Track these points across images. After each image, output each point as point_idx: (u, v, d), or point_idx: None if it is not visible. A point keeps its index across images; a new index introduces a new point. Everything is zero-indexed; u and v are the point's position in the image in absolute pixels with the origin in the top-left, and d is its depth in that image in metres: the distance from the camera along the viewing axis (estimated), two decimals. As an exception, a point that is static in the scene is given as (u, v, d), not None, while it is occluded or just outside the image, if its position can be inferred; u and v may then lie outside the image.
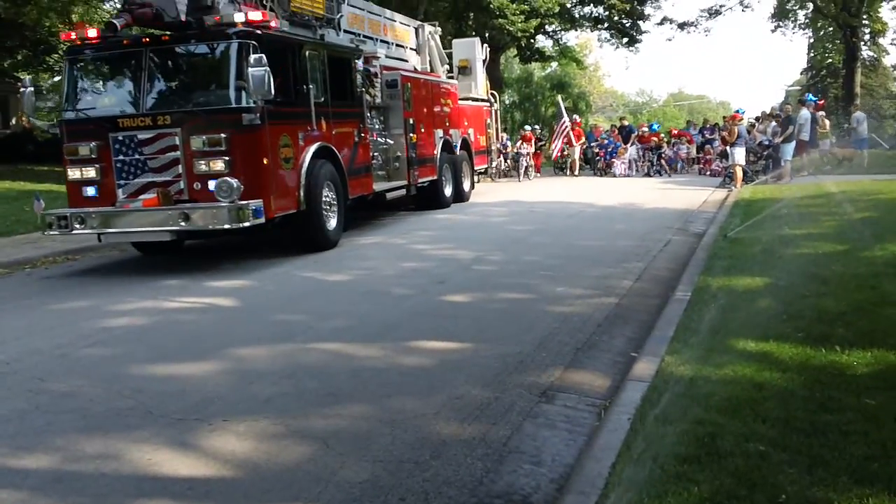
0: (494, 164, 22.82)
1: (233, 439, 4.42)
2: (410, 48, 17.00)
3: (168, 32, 10.13)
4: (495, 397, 4.93)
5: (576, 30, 38.26)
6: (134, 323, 7.39)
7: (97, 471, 4.12)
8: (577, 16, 35.26)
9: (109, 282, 9.75)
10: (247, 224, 9.40)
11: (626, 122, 28.58)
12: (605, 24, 35.80)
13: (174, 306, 8.04)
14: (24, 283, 10.11)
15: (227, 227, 9.40)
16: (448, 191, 16.71)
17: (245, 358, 6.05)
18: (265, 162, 9.75)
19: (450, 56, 19.53)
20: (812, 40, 48.38)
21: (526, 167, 25.25)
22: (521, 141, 26.42)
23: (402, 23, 16.84)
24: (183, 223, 9.41)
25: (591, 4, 34.21)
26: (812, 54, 49.75)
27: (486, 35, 31.92)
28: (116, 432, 4.60)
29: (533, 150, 26.38)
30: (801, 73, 56.16)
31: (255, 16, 9.82)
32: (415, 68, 16.55)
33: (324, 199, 10.92)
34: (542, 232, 12.56)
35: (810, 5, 41.34)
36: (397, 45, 16.18)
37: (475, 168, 19.03)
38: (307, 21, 11.68)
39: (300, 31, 11.39)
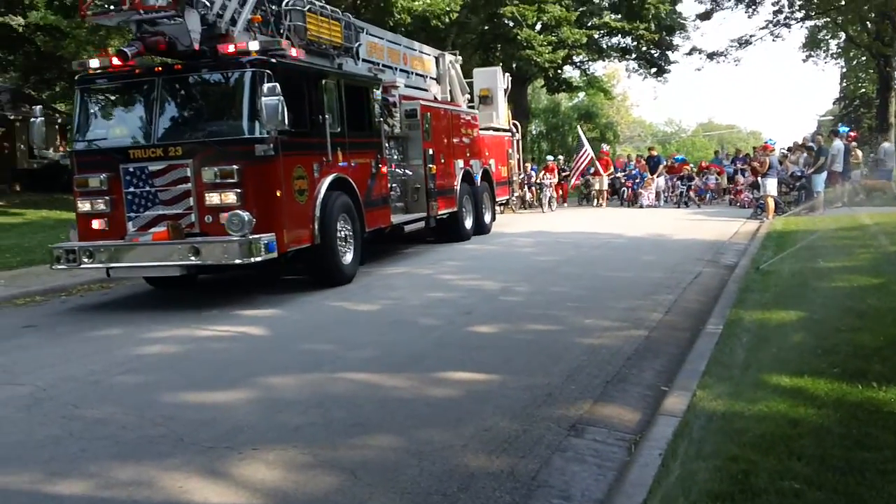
0: (516, 194, 22.52)
1: (262, 468, 4.43)
2: (431, 77, 16.78)
3: (181, 61, 9.94)
4: (524, 430, 4.90)
5: (603, 60, 38.43)
6: (166, 351, 7.48)
7: (130, 498, 4.15)
8: (604, 46, 35.40)
9: (142, 310, 9.86)
10: (258, 259, 9.07)
11: (654, 153, 28.22)
12: (633, 55, 35.89)
13: (205, 335, 8.11)
14: (59, 310, 10.24)
15: (237, 261, 9.08)
16: (468, 223, 16.39)
17: (274, 387, 6.07)
18: (278, 194, 9.47)
19: (471, 85, 19.30)
20: (845, 70, 48.14)
21: (549, 198, 25.00)
22: (543, 171, 26.29)
23: (422, 52, 16.63)
24: (193, 258, 9.13)
25: (619, 35, 34.30)
26: (845, 84, 49.49)
27: (514, 66, 32.14)
28: (148, 459, 4.64)
29: (556, 180, 26.30)
30: (834, 103, 55.83)
31: (270, 44, 9.70)
32: (435, 98, 16.35)
33: (339, 232, 10.64)
34: (569, 262, 12.52)
35: (842, 35, 41.17)
36: (417, 74, 15.98)
37: (496, 199, 18.81)
38: (324, 50, 11.44)
39: (317, 61, 11.16)
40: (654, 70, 36.31)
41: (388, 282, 11.18)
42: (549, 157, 28.80)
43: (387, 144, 13.03)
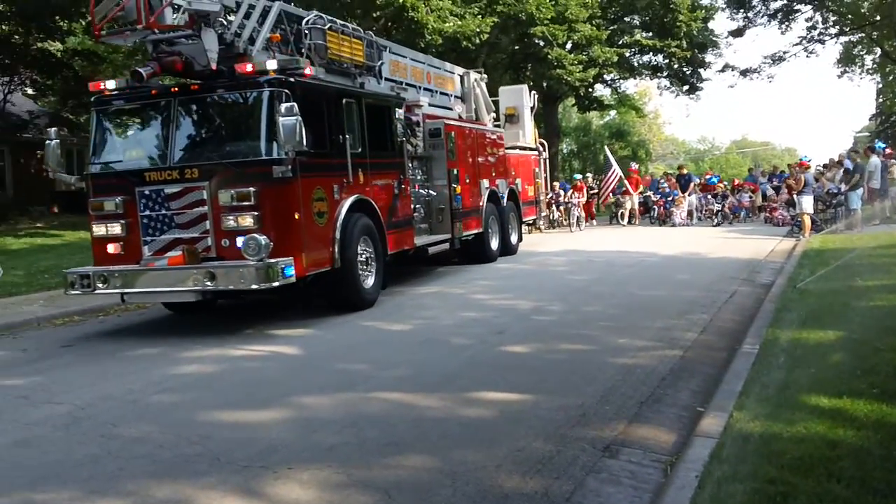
0: (544, 214, 22.11)
1: (297, 487, 4.45)
2: (455, 96, 16.53)
3: (198, 81, 9.72)
4: (557, 451, 4.87)
5: (635, 78, 38.30)
6: (201, 370, 7.56)
7: (165, 518, 4.19)
8: (636, 64, 35.31)
9: (178, 330, 9.96)
10: (276, 284, 8.82)
11: (684, 171, 27.87)
12: (665, 73, 35.74)
13: (239, 354, 8.18)
14: (97, 330, 10.41)
15: (254, 287, 8.80)
16: (494, 244, 16.03)
17: (308, 406, 6.11)
18: (297, 217, 9.21)
19: (497, 104, 19.07)
20: (881, 85, 47.59)
21: (577, 217, 24.77)
22: (571, 190, 26.04)
23: (446, 70, 16.43)
24: (208, 283, 8.89)
25: (651, 53, 34.21)
26: (881, 100, 48.87)
27: (544, 85, 32.18)
28: (185, 478, 4.68)
29: (585, 199, 26.05)
30: (870, 119, 55.14)
31: (289, 63, 9.52)
32: (459, 116, 16.07)
33: (360, 255, 10.34)
34: (602, 281, 12.47)
35: (878, 50, 40.77)
36: (441, 92, 15.77)
37: (523, 219, 18.42)
38: (346, 69, 11.23)
39: (338, 80, 10.95)
40: (686, 87, 36.11)
41: (421, 301, 11.21)
42: (577, 176, 28.78)
43: (410, 164, 12.83)
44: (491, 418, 5.59)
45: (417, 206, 13.17)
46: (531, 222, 20.41)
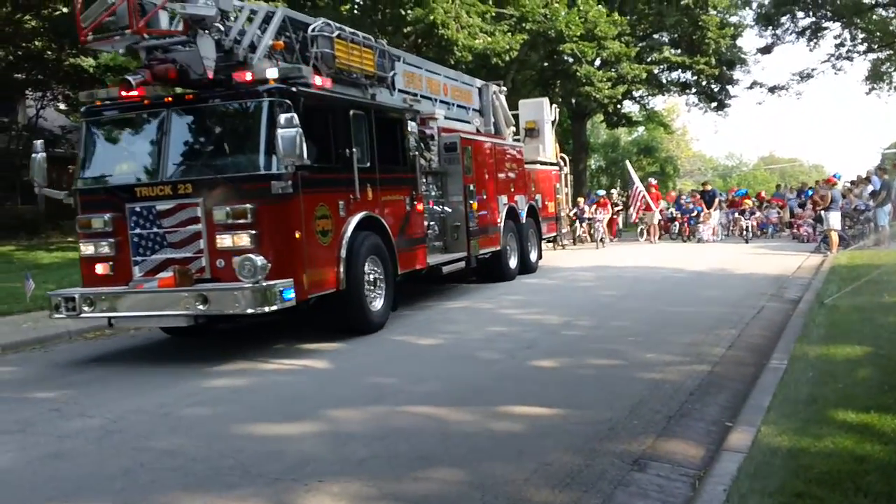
0: (565, 230, 21.59)
1: (328, 500, 4.52)
2: (473, 109, 15.91)
3: (193, 91, 9.16)
4: (586, 464, 4.91)
5: (663, 95, 38.28)
6: (233, 384, 7.66)
7: (200, 527, 4.27)
8: (664, 81, 35.31)
9: (208, 344, 10.08)
10: (274, 308, 8.25)
11: (708, 187, 27.54)
12: (694, 89, 35.71)
13: (270, 367, 8.29)
14: (128, 344, 10.59)
15: (250, 311, 8.20)
16: (513, 262, 15.51)
17: (339, 419, 6.19)
18: (297, 236, 8.66)
19: (517, 118, 18.57)
20: (909, 102, 47.09)
21: (602, 234, 24.46)
22: (595, 206, 25.74)
23: (464, 83, 15.83)
24: (201, 306, 8.28)
25: (679, 70, 34.20)
26: (909, 116, 48.32)
27: (573, 101, 32.25)
28: (217, 491, 4.77)
29: (609, 215, 25.80)
30: (899, 136, 54.49)
31: (291, 72, 8.89)
32: (478, 130, 15.51)
33: (367, 275, 9.84)
34: (630, 297, 12.47)
35: (906, 66, 40.46)
36: (459, 105, 15.17)
37: (543, 236, 17.93)
38: (355, 79, 10.61)
39: (348, 91, 10.35)
40: (714, 104, 36.05)
41: (449, 316, 11.27)
42: (600, 192, 28.25)
43: (424, 180, 12.33)
44: (520, 432, 5.64)
45: (431, 223, 12.71)
46: (552, 239, 19.98)
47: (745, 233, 23.98)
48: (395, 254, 10.56)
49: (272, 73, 8.67)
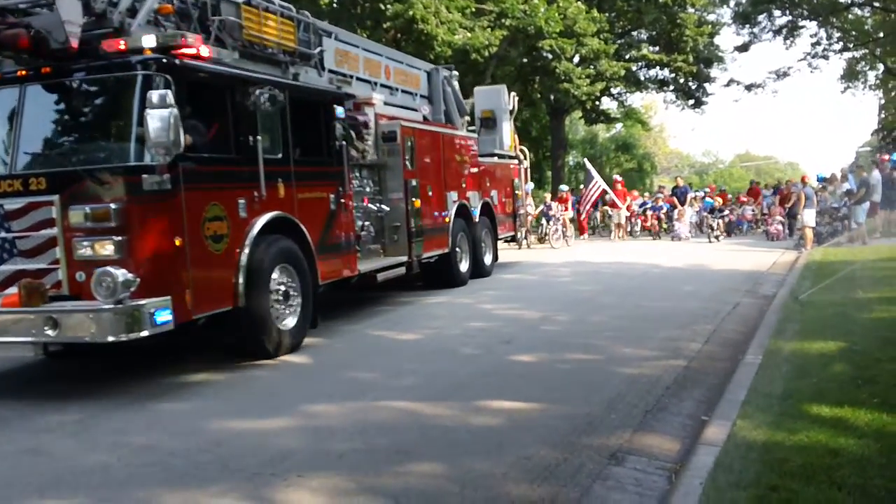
0: (524, 229, 19.91)
1: (307, 495, 4.53)
2: (421, 95, 14.50)
3: (52, 63, 7.27)
4: (564, 458, 4.94)
5: (641, 92, 38.41)
6: (211, 378, 7.63)
7: (179, 521, 4.26)
8: (642, 78, 35.45)
9: (184, 339, 9.99)
10: (144, 333, 6.66)
11: (680, 183, 26.88)
12: (671, 87, 35.88)
13: (248, 363, 8.24)
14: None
15: (111, 339, 6.63)
16: (464, 266, 14.08)
17: (318, 414, 6.19)
18: (178, 242, 7.02)
19: (472, 107, 17.23)
20: (883, 101, 47.68)
21: (562, 232, 23.07)
22: (556, 202, 24.44)
23: (410, 65, 14.36)
24: (49, 332, 6.67)
25: (657, 67, 34.36)
26: (883, 115, 48.95)
27: (552, 98, 32.30)
28: (196, 485, 4.76)
29: (571, 213, 24.78)
30: (872, 134, 55.19)
31: (172, 39, 7.24)
32: (425, 118, 13.96)
33: (277, 288, 8.32)
34: (608, 292, 12.54)
35: (881, 66, 40.91)
36: (404, 91, 13.75)
37: (500, 236, 16.33)
38: (271, 55, 9.26)
39: (260, 67, 8.99)
40: (691, 101, 36.26)
41: (429, 311, 11.29)
42: (563, 188, 27.16)
43: (356, 174, 10.97)
44: (498, 426, 5.66)
45: (366, 223, 11.17)
46: (510, 238, 18.37)
47: (711, 231, 23.04)
48: (315, 261, 9.03)
49: (149, 41, 7.09)
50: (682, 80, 34.46)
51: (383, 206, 11.65)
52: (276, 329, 8.26)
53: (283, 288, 8.42)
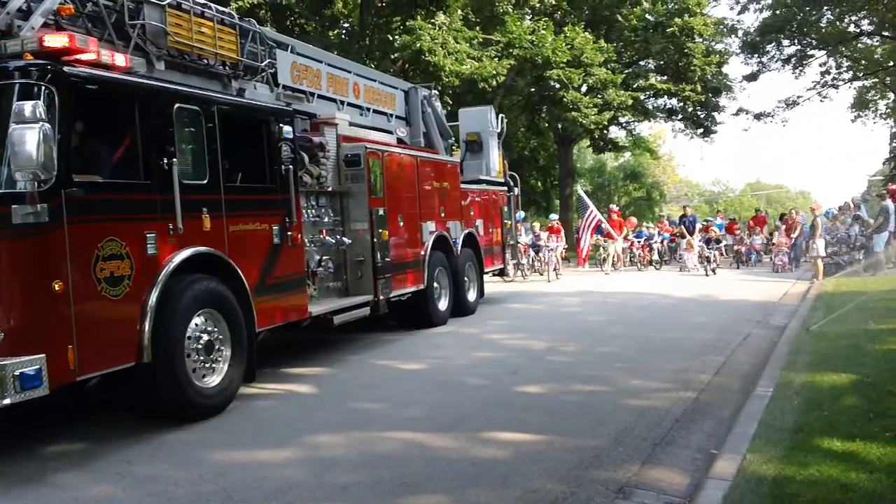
0: (513, 261, 17.82)
1: (310, 527, 4.47)
2: (397, 116, 13.47)
3: None
4: (571, 492, 4.88)
5: (649, 121, 38.54)
6: (215, 408, 7.57)
7: (179, 555, 4.20)
8: (650, 107, 35.58)
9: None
10: (6, 402, 5.45)
11: (688, 212, 25.26)
12: (680, 116, 36.01)
13: (253, 392, 8.20)
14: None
15: None
16: (443, 303, 12.78)
17: (322, 445, 6.14)
18: (57, 287, 5.81)
19: (456, 130, 15.93)
20: (894, 130, 47.69)
21: (555, 265, 21.79)
22: (547, 233, 23.12)
23: (384, 83, 13.32)
24: None
25: (665, 96, 34.50)
26: (894, 144, 48.95)
27: (559, 127, 32.44)
28: (198, 517, 4.71)
29: (563, 243, 23.59)
30: (884, 163, 55.14)
31: (58, 41, 6.11)
32: (400, 141, 12.93)
33: (197, 338, 7.06)
34: (616, 322, 12.46)
35: (891, 95, 40.97)
36: (376, 111, 12.68)
37: (486, 269, 14.88)
38: (207, 67, 8.22)
39: (194, 81, 8.02)
40: (700, 130, 36.34)
41: (434, 341, 11.22)
42: (553, 217, 25.92)
43: (313, 202, 9.96)
44: (504, 459, 5.59)
45: (324, 258, 9.95)
46: (498, 272, 16.36)
47: (707, 264, 21.34)
48: (252, 304, 7.80)
49: (30, 42, 6.16)
50: (690, 109, 34.60)
51: (344, 239, 10.30)
52: (192, 388, 6.94)
53: (205, 338, 7.16)
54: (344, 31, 27.44)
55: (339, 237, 10.27)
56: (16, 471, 5.83)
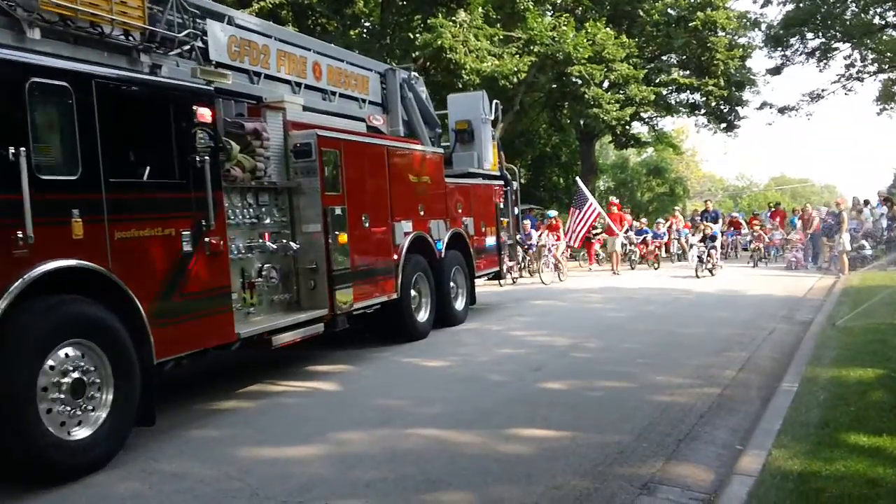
0: (511, 262, 16.56)
1: (335, 523, 4.50)
2: (371, 102, 12.08)
3: None
4: (595, 488, 4.87)
5: (672, 116, 38.29)
6: (241, 406, 7.65)
7: (206, 550, 4.24)
8: (672, 103, 35.35)
9: (217, 365, 10.03)
10: None
11: (710, 207, 23.91)
12: (703, 111, 35.73)
13: (278, 390, 8.27)
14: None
15: None
16: (423, 314, 11.31)
17: (346, 442, 6.17)
18: None
19: (445, 118, 14.52)
20: (920, 122, 47.12)
21: (554, 264, 20.23)
22: (546, 230, 21.38)
23: (354, 65, 11.80)
24: None
25: (688, 91, 34.27)
26: (921, 136, 48.34)
27: (581, 123, 32.31)
28: (224, 513, 4.75)
29: (563, 243, 21.67)
30: (910, 156, 54.50)
31: None
32: (376, 130, 11.47)
33: (54, 378, 5.49)
34: (639, 318, 12.42)
35: (917, 87, 40.43)
36: (344, 95, 11.31)
37: (478, 273, 13.37)
38: (102, 37, 6.86)
39: (82, 53, 6.68)
40: (723, 125, 36.07)
41: (458, 338, 11.23)
42: (551, 213, 23.71)
43: (251, 201, 8.41)
44: (528, 455, 5.60)
45: (266, 266, 8.43)
46: (493, 274, 14.64)
47: (702, 264, 19.47)
48: (148, 330, 6.30)
49: None
50: (713, 104, 34.31)
51: (291, 244, 8.81)
52: (52, 443, 5.36)
53: (73, 377, 5.60)
54: (365, 31, 27.47)
55: (285, 241, 8.77)
56: (46, 468, 5.90)
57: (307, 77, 10.45)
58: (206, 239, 7.07)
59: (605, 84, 29.86)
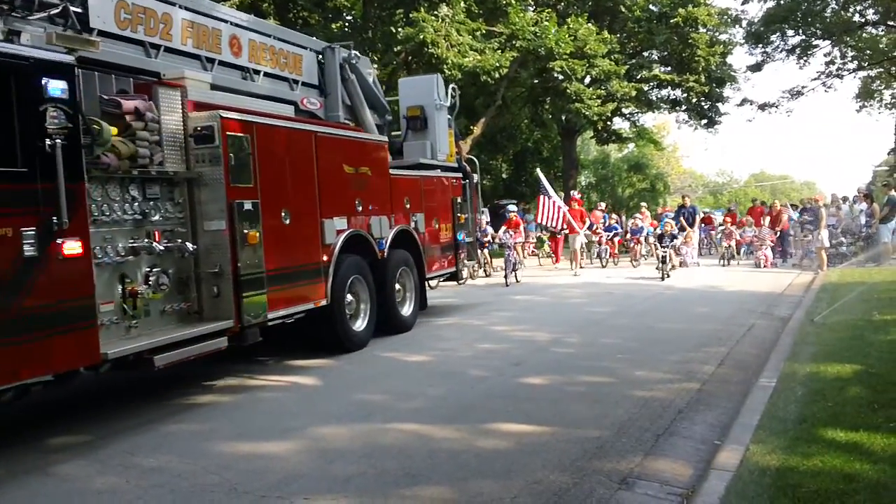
0: (469, 263, 15.09)
1: (313, 518, 4.48)
2: (304, 83, 10.79)
3: None
4: (574, 483, 4.87)
5: (653, 112, 38.43)
6: (219, 400, 7.61)
7: (183, 546, 4.21)
8: (654, 99, 35.47)
9: (195, 360, 9.99)
10: None
11: (687, 202, 23.40)
12: (683, 107, 35.88)
13: (257, 384, 8.23)
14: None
15: None
16: (360, 322, 10.13)
17: (325, 437, 6.14)
18: None
19: (396, 104, 13.43)
20: (899, 119, 47.57)
21: (514, 263, 18.50)
22: (504, 227, 20.13)
23: (285, 40, 10.52)
24: None
25: (669, 87, 34.38)
26: (899, 134, 48.80)
27: (563, 118, 32.36)
28: (202, 508, 4.71)
29: (523, 237, 20.97)
30: (889, 153, 55.01)
31: None
32: (311, 115, 10.60)
33: None
34: (619, 314, 12.46)
35: (896, 85, 40.84)
36: (270, 74, 10.09)
37: (431, 274, 12.32)
38: None
39: None
40: (704, 121, 36.23)
41: (439, 332, 11.22)
42: (512, 209, 22.89)
43: (134, 194, 7.09)
44: (507, 450, 5.60)
45: (154, 270, 7.17)
46: (449, 275, 13.37)
47: (663, 266, 18.08)
48: None
49: None
50: (694, 100, 34.44)
51: (187, 244, 7.54)
52: None
53: None
54: (347, 24, 27.35)
55: (180, 241, 7.53)
56: (20, 462, 5.84)
57: (222, 52, 9.14)
58: (59, 240, 5.88)
59: (587, 80, 29.92)
